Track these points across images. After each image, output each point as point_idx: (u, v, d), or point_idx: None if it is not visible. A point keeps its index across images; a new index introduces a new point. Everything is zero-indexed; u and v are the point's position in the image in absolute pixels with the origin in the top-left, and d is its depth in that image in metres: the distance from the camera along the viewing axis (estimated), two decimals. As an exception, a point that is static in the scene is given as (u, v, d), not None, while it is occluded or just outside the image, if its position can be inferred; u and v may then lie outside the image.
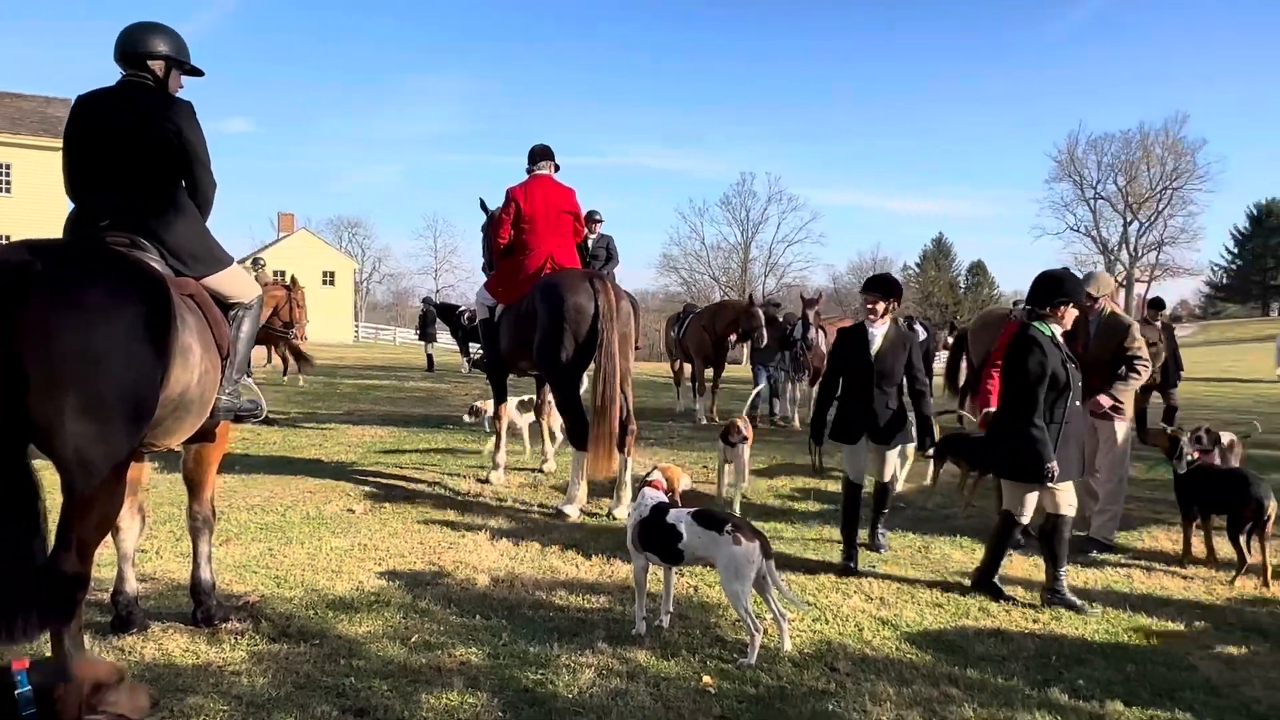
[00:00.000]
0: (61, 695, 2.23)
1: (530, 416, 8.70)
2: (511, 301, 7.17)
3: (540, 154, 7.38)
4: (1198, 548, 5.89)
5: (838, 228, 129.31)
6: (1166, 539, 6.37)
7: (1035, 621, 4.67)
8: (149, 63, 3.98)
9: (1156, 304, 12.48)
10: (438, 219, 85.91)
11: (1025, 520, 5.10)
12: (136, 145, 3.81)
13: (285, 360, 13.06)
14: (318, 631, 4.21)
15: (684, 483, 4.73)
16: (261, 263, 21.65)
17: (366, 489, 7.38)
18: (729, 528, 4.05)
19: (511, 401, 8.33)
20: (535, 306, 6.74)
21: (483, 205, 8.09)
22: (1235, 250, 70.96)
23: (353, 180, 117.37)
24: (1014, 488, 5.04)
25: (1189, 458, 5.80)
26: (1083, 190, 66.61)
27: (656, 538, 4.25)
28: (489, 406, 8.55)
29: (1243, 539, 5.40)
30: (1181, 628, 4.62)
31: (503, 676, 3.75)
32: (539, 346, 6.72)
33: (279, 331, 12.05)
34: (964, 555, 5.90)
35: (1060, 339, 4.98)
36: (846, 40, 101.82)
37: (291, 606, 4.54)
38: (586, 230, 9.61)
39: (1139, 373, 5.89)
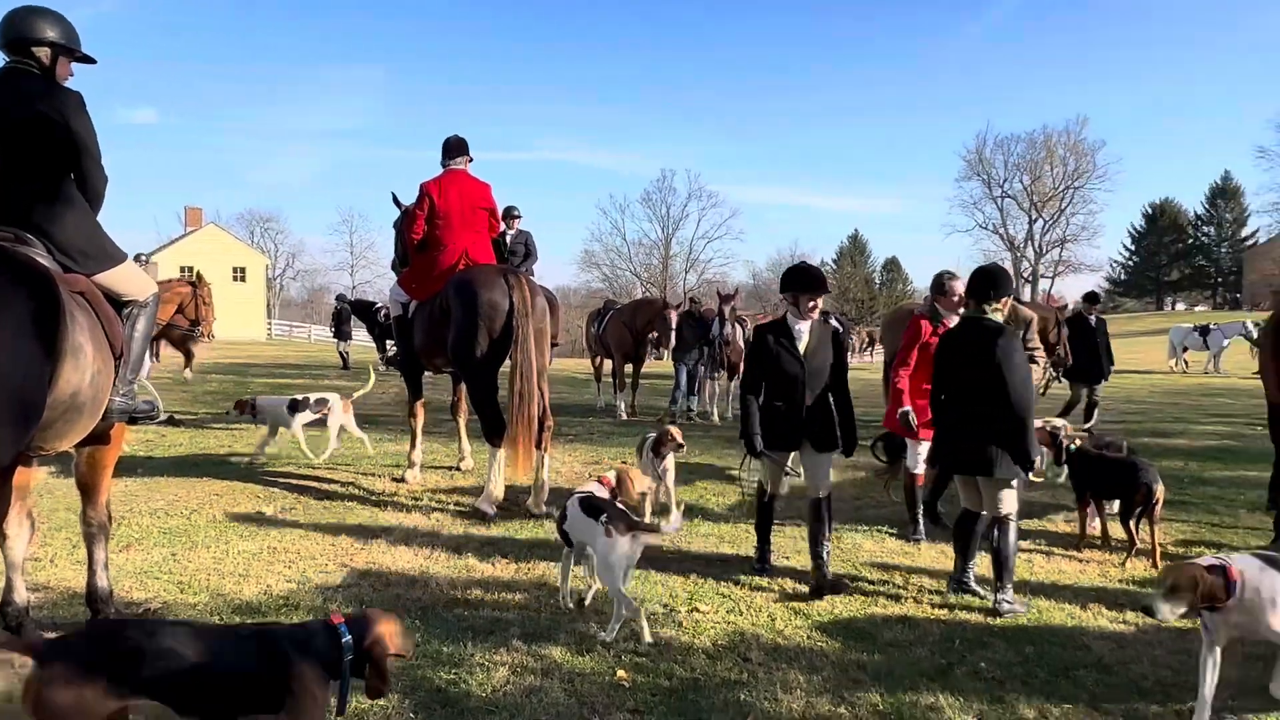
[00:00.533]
0: (373, 640, 2.75)
1: (307, 416, 8.47)
2: (425, 298, 7.06)
3: (455, 147, 7.27)
4: (1093, 532, 6.17)
5: (757, 224, 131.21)
6: (1065, 525, 6.63)
7: (940, 608, 4.81)
8: (34, 49, 3.80)
9: (1091, 298, 12.82)
10: (354, 214, 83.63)
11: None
12: (20, 137, 3.64)
13: (188, 357, 12.59)
14: (222, 638, 4.08)
15: (642, 485, 5.13)
16: (144, 258, 20.76)
17: (277, 490, 7.20)
18: (604, 518, 4.26)
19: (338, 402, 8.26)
20: (449, 303, 6.66)
21: (395, 200, 7.95)
22: (1132, 247, 74.20)
23: (265, 174, 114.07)
24: (1000, 485, 4.78)
25: (1071, 447, 6.14)
26: (991, 189, 69.02)
27: (560, 522, 4.65)
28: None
29: (1133, 523, 5.67)
30: (1077, 609, 4.82)
31: (414, 677, 3.70)
32: (453, 343, 6.64)
33: (185, 329, 11.64)
34: (874, 545, 6.04)
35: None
36: (765, 40, 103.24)
37: (195, 613, 4.41)
38: (504, 226, 9.53)
39: (1036, 363, 6.11)
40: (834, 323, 20.31)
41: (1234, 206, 70.73)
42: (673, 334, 12.26)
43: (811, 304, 5.17)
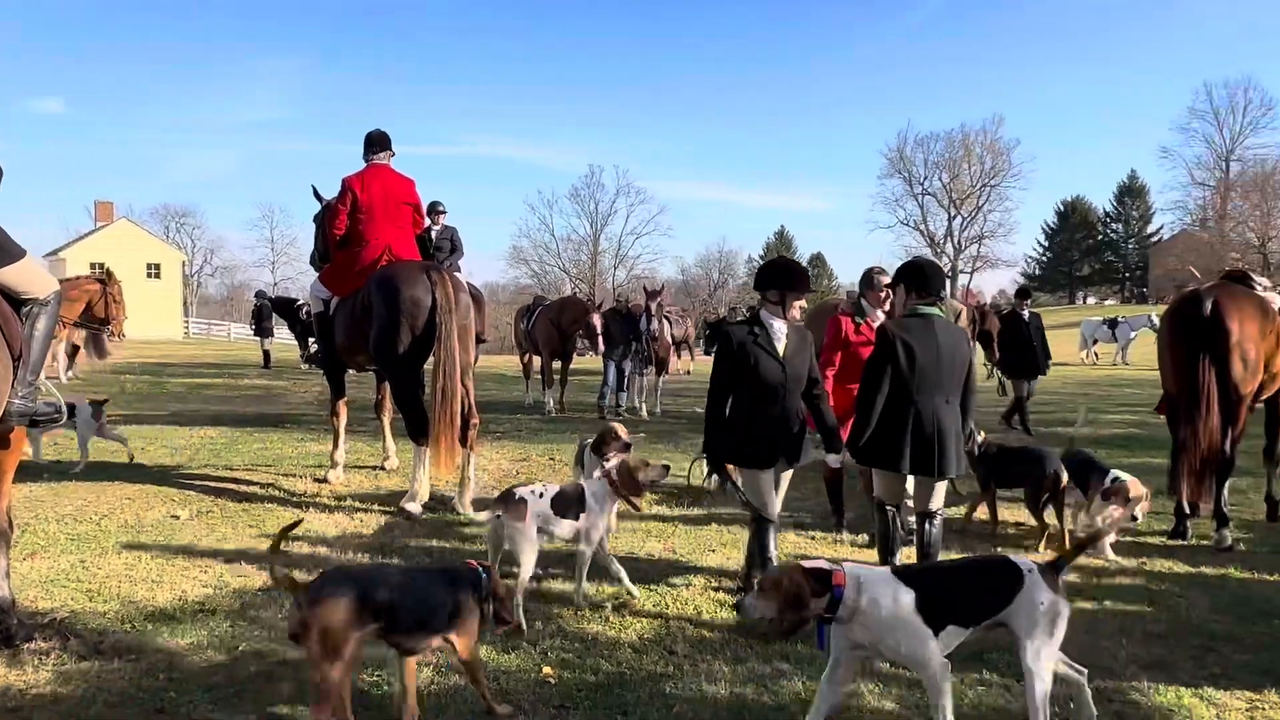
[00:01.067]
0: (497, 583, 3.44)
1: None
2: (347, 294, 6.94)
3: (378, 141, 7.15)
4: (981, 515, 6.46)
5: (685, 220, 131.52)
6: (981, 513, 6.83)
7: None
8: None
9: (1023, 293, 13.14)
10: (274, 209, 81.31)
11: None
12: None
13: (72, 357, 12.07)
14: (134, 646, 3.97)
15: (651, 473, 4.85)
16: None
17: (193, 493, 7.00)
18: (498, 498, 4.66)
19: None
20: (371, 300, 6.56)
21: (316, 194, 7.79)
22: (1046, 244, 76.67)
23: (181, 168, 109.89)
24: (938, 481, 4.64)
25: (979, 441, 6.32)
26: (911, 186, 70.59)
27: None
28: None
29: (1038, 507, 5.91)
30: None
31: (336, 680, 3.64)
32: (375, 341, 6.55)
33: (93, 328, 11.20)
34: (798, 537, 6.14)
35: None
36: (692, 37, 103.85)
37: (105, 621, 4.26)
38: (429, 222, 9.41)
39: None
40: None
41: (1140, 204, 73.65)
42: (599, 337, 12.35)
43: (798, 303, 4.74)
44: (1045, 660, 3.13)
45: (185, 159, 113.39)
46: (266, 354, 22.04)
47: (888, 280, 5.83)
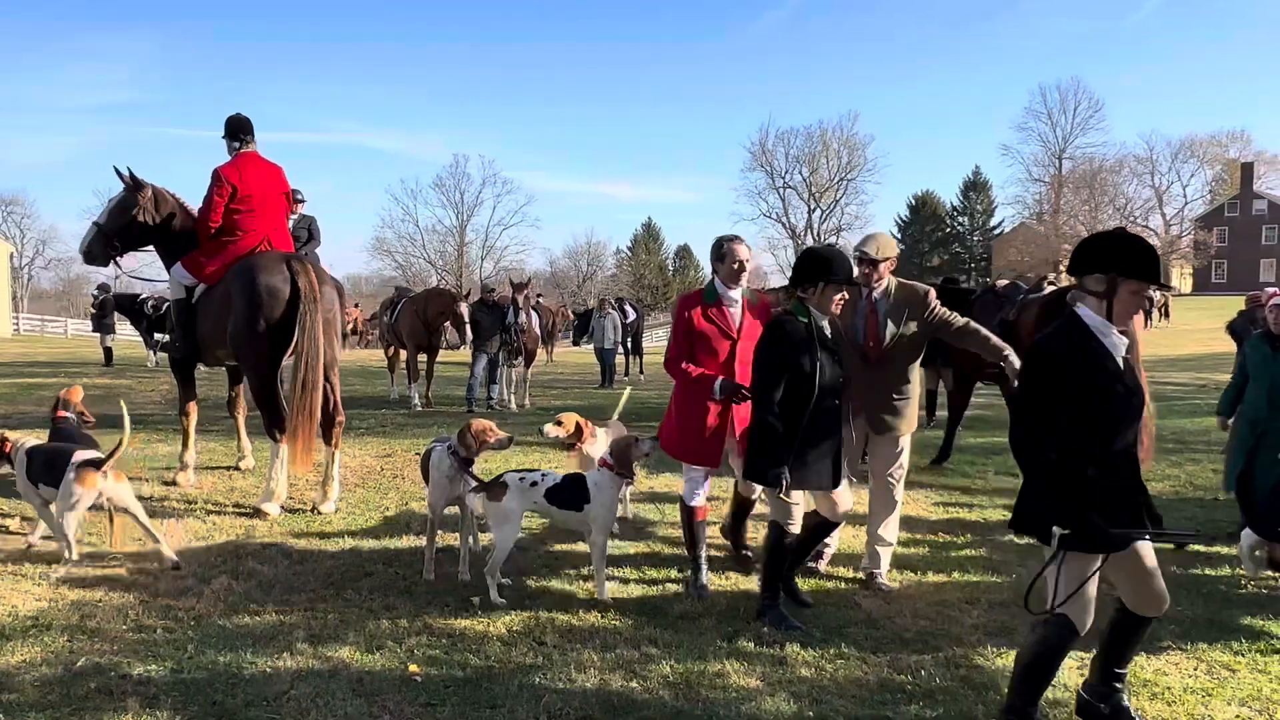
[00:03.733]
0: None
1: None
2: (215, 282, 6.61)
3: (243, 127, 6.79)
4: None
5: (553, 212, 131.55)
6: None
7: (726, 579, 5.04)
8: None
9: (952, 282, 12.83)
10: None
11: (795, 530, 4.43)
12: None
13: None
14: (-43, 667, 3.66)
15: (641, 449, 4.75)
16: None
17: (23, 501, 6.49)
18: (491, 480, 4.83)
19: None
20: (230, 289, 6.28)
21: (124, 176, 6.91)
22: (899, 236, 79.93)
23: (9, 152, 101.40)
24: (770, 494, 4.36)
25: None
26: (773, 179, 72.35)
27: None
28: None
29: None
30: (849, 572, 5.17)
31: (187, 691, 3.48)
32: (232, 332, 6.26)
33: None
34: (669, 526, 6.22)
35: (824, 325, 4.28)
36: (557, 28, 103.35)
37: (-77, 642, 3.92)
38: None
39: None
40: (628, 309, 20.45)
41: (983, 199, 77.89)
42: (466, 326, 12.14)
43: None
44: None
45: (14, 143, 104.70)
46: (108, 351, 20.68)
47: (744, 250, 4.83)
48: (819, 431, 4.21)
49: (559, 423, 5.65)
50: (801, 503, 4.43)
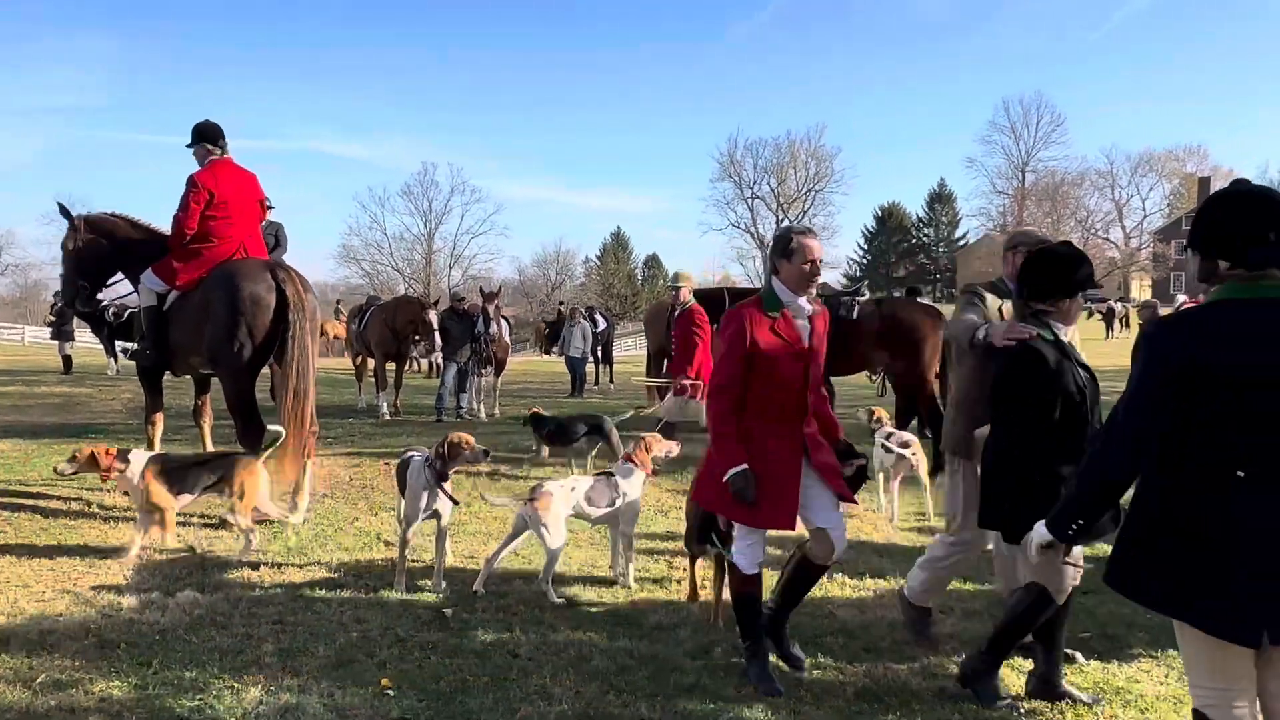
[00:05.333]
0: None
1: None
2: (190, 289, 6.49)
3: (214, 133, 6.70)
4: None
5: (522, 220, 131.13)
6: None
7: (702, 588, 5.01)
8: None
9: (914, 293, 13.37)
10: (76, 201, 74.10)
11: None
12: None
13: None
14: (-90, 686, 3.54)
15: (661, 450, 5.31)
16: None
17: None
18: (530, 490, 4.95)
19: None
20: (209, 297, 6.17)
21: (64, 212, 7.07)
22: (865, 246, 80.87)
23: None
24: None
25: None
26: (742, 190, 72.73)
27: None
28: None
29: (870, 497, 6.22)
30: (825, 580, 5.16)
31: (152, 708, 3.39)
32: (210, 341, 6.15)
33: None
34: (642, 538, 6.18)
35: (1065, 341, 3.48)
36: (526, 36, 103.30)
37: (-126, 660, 3.79)
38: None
39: None
40: (598, 318, 20.43)
41: (948, 210, 78.91)
42: (435, 333, 12.07)
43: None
44: None
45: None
46: (67, 359, 20.27)
47: (816, 245, 3.80)
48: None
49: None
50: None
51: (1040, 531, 2.78)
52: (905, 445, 6.77)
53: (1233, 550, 2.30)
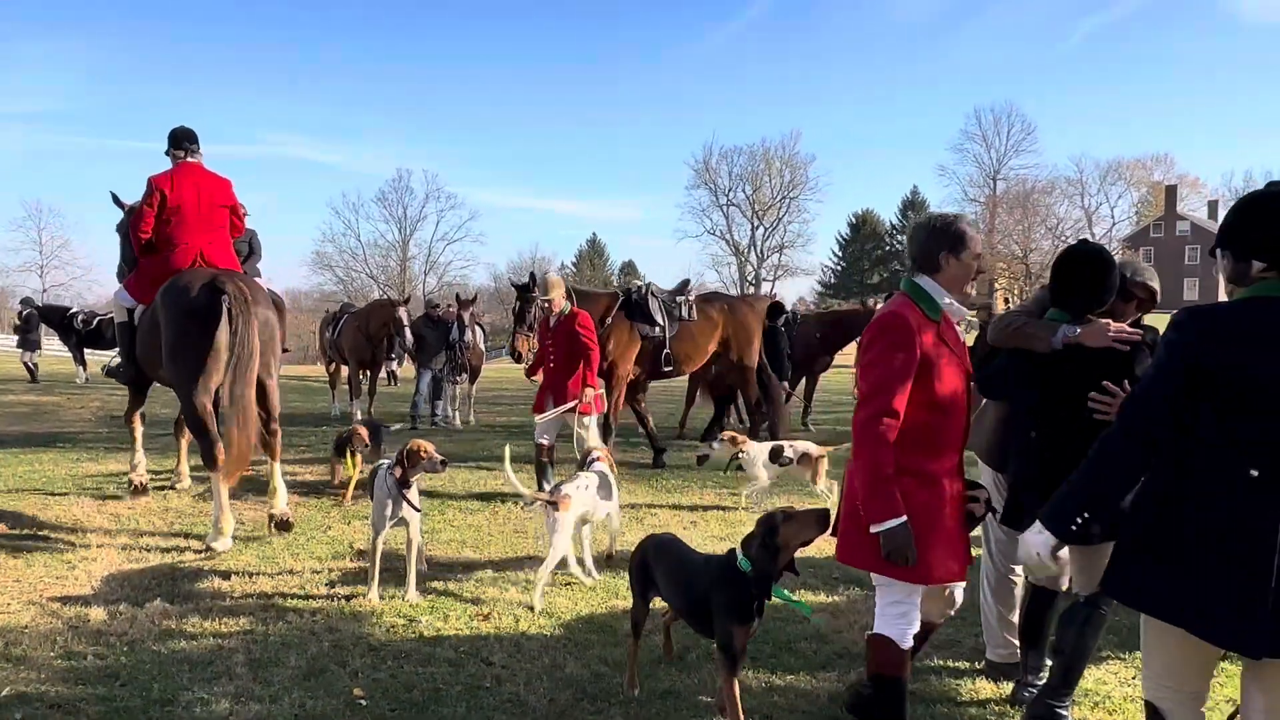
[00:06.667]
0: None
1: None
2: (150, 302, 6.37)
3: (185, 137, 6.55)
4: None
5: (497, 227, 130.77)
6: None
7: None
8: None
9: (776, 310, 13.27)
10: (43, 208, 73.37)
11: None
12: None
13: None
14: None
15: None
16: None
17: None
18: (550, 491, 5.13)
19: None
20: (158, 311, 6.06)
21: (116, 200, 7.13)
22: (840, 253, 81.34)
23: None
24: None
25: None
26: (717, 197, 73.17)
27: None
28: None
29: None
30: (799, 586, 5.19)
31: (119, 720, 3.34)
32: (165, 356, 6.05)
33: None
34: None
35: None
36: (501, 41, 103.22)
37: None
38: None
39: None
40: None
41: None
42: (407, 330, 11.99)
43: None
44: None
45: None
46: (33, 368, 19.98)
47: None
48: None
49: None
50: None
51: (1041, 538, 2.56)
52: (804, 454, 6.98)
53: (1243, 555, 2.22)
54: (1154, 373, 2.42)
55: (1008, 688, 3.85)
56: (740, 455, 6.99)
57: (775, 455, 6.95)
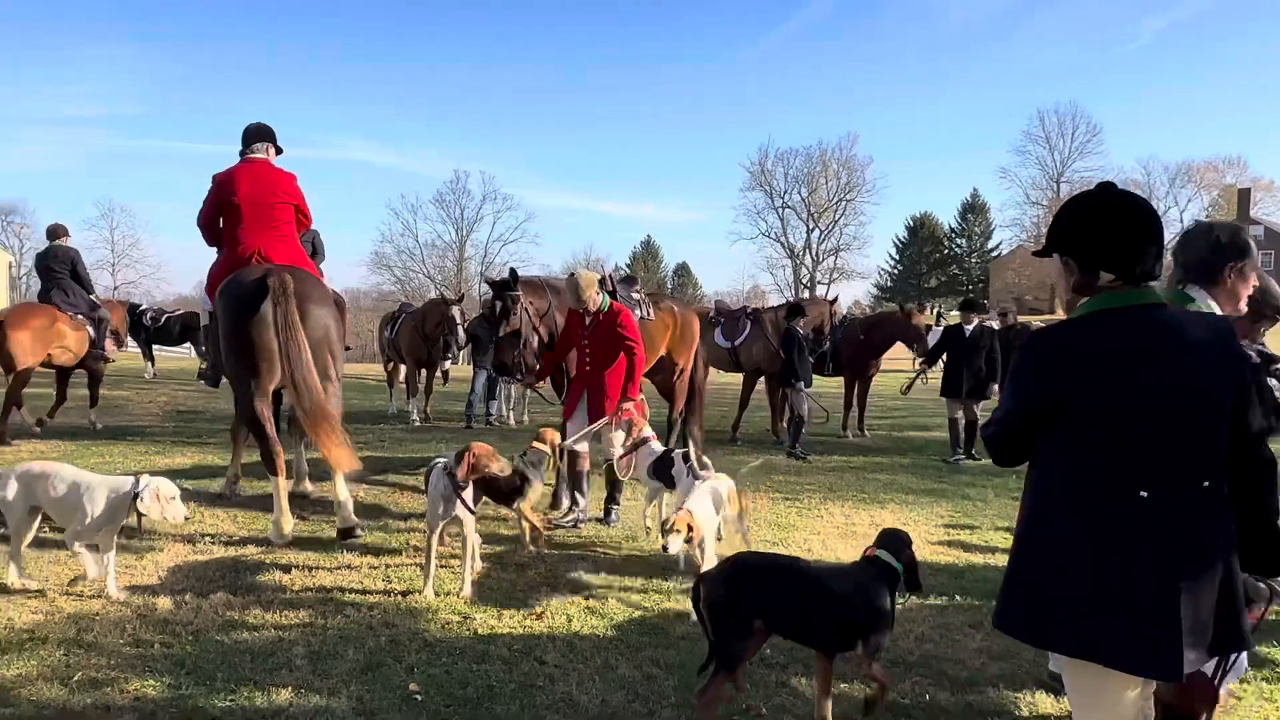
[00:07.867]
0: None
1: None
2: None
3: (256, 134, 6.44)
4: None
5: (552, 229, 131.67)
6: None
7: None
8: None
9: (968, 305, 12.61)
10: (115, 208, 75.77)
11: None
12: None
13: None
14: (-48, 681, 3.62)
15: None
16: None
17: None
18: None
19: None
20: (216, 311, 6.13)
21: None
22: (897, 256, 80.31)
23: (9, 161, 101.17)
24: None
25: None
26: (772, 199, 72.67)
27: None
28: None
29: None
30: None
31: (185, 707, 3.44)
32: (223, 354, 6.09)
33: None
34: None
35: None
36: (561, 45, 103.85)
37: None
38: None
39: None
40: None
41: (981, 221, 78.11)
42: (460, 328, 12.08)
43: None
44: None
45: (13, 153, 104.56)
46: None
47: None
48: None
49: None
50: None
51: None
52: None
53: (1146, 578, 2.11)
54: (1013, 395, 2.32)
55: (1067, 702, 3.76)
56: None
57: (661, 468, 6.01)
